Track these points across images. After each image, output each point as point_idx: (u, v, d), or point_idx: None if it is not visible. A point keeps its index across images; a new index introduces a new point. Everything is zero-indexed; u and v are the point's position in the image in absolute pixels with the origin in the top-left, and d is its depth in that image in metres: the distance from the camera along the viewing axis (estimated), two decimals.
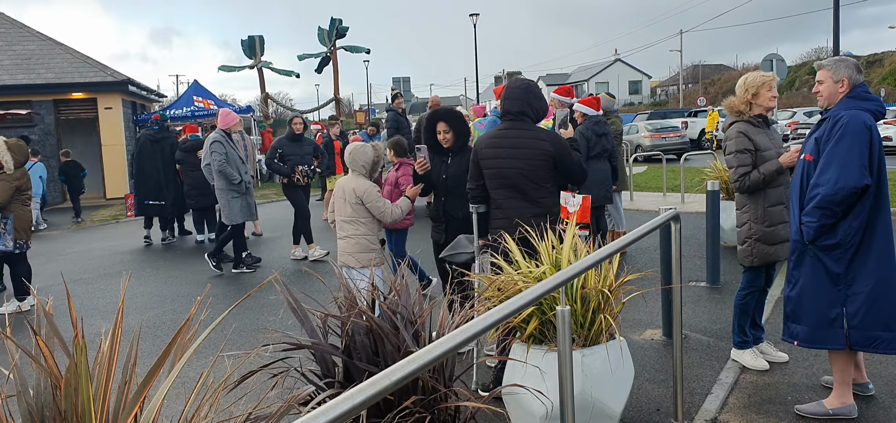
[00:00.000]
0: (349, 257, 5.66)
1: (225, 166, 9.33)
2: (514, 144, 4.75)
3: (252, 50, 26.91)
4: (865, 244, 3.94)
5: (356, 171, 5.80)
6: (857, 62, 4.15)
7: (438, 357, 2.15)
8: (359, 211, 5.70)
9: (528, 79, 5.26)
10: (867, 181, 3.84)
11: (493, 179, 4.85)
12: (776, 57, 16.55)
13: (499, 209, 4.86)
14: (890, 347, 3.98)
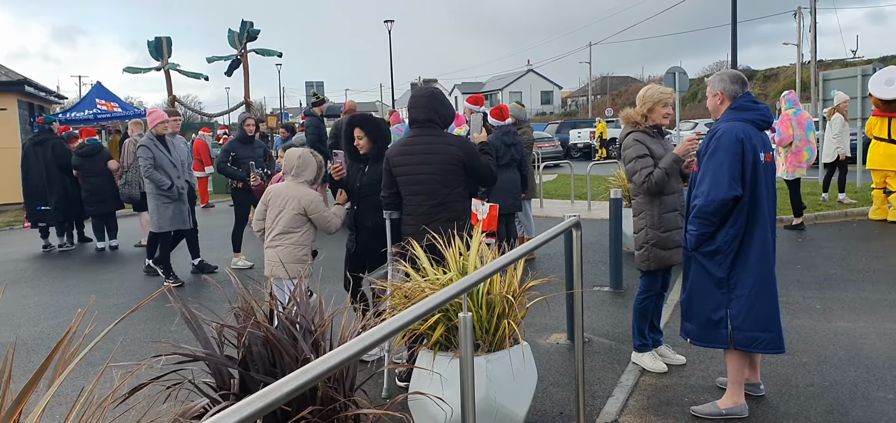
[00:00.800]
0: (280, 268, 5.45)
1: (152, 171, 8.82)
2: (424, 150, 4.86)
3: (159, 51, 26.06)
4: (744, 250, 4.14)
5: (300, 178, 5.60)
6: (739, 74, 4.35)
7: (334, 367, 2.11)
8: (299, 221, 5.50)
9: (432, 86, 5.32)
10: (736, 193, 4.04)
11: (406, 186, 4.94)
12: (678, 70, 17.18)
13: (411, 215, 4.94)
14: (769, 347, 4.20)
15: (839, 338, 5.70)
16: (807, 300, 6.88)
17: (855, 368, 5.05)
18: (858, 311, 6.46)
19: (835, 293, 7.11)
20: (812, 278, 7.77)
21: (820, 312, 6.48)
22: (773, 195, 4.28)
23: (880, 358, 5.21)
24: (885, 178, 11.37)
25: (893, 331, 5.81)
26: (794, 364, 5.16)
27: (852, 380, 4.82)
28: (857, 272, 7.98)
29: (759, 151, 4.13)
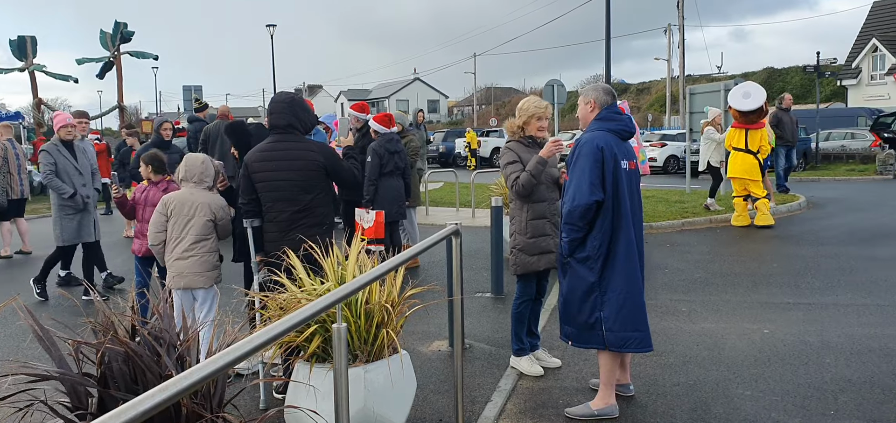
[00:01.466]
0: (196, 278, 5.21)
1: (52, 178, 8.12)
2: (285, 156, 4.86)
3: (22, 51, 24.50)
4: (612, 254, 4.33)
5: (204, 184, 5.38)
6: (610, 88, 4.59)
7: (197, 382, 2.03)
8: (210, 227, 5.31)
9: (292, 92, 5.32)
10: (597, 197, 4.23)
11: (267, 193, 4.89)
12: (557, 82, 17.71)
13: (274, 223, 4.90)
14: (640, 346, 4.40)
15: (703, 339, 6.03)
16: (674, 303, 7.24)
17: (717, 367, 5.34)
18: (721, 312, 6.85)
19: (699, 296, 7.52)
20: (679, 282, 8.19)
21: (686, 314, 6.83)
22: (639, 201, 4.48)
23: (740, 357, 5.54)
24: (745, 186, 12.13)
25: (752, 331, 6.19)
26: (662, 365, 5.41)
27: (715, 378, 5.10)
28: (720, 276, 8.48)
29: (622, 159, 4.33)
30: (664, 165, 27.34)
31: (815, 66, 28.26)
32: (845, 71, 44.68)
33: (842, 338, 5.90)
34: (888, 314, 6.57)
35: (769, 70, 62.41)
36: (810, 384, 4.93)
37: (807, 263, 9.07)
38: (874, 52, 42.82)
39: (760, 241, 10.97)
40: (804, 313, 6.70)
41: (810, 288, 7.71)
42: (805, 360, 5.40)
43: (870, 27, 44.73)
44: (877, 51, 42.61)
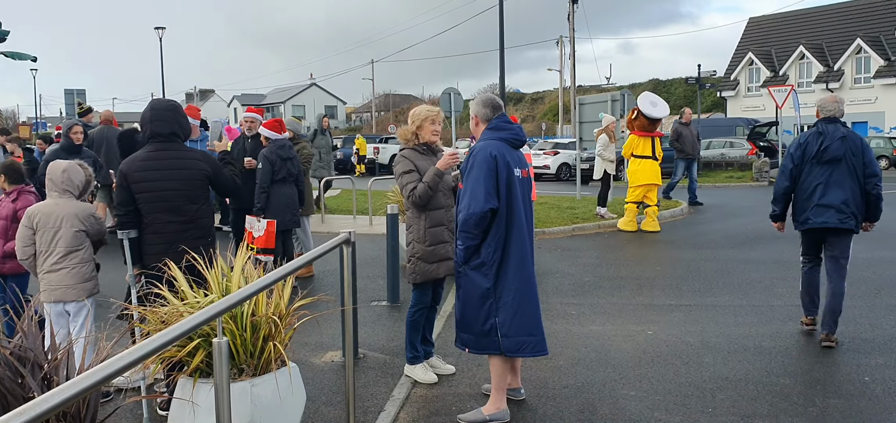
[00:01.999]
0: (68, 291, 4.90)
1: None
2: (171, 165, 4.73)
3: None
4: (506, 261, 4.39)
5: (69, 192, 5.05)
6: (492, 98, 4.65)
7: (61, 403, 1.91)
8: (81, 237, 5.00)
9: (172, 100, 5.13)
10: (492, 205, 4.29)
11: (150, 203, 4.71)
12: (454, 90, 17.90)
13: (157, 234, 4.72)
14: (534, 350, 4.48)
15: (591, 341, 6.20)
16: (564, 306, 7.43)
17: (604, 368, 5.51)
18: (608, 315, 7.08)
19: (588, 299, 7.75)
20: (569, 286, 8.41)
21: (575, 317, 7.02)
22: (530, 208, 4.57)
23: (626, 358, 5.73)
24: (645, 192, 12.60)
25: (637, 333, 6.42)
26: (552, 367, 5.53)
27: (602, 380, 5.26)
28: (608, 280, 8.76)
29: (514, 167, 4.41)
30: (557, 172, 28.08)
31: (697, 79, 29.75)
32: (724, 83, 47.28)
33: (720, 338, 6.21)
34: (762, 314, 6.97)
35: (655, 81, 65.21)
36: (690, 382, 5.15)
37: (688, 266, 9.51)
38: (750, 65, 45.53)
39: (645, 245, 11.42)
40: (685, 315, 7.01)
41: (691, 290, 8.08)
42: (686, 360, 5.64)
43: (746, 42, 47.53)
44: (753, 64, 45.33)
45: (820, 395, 4.83)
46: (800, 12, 47.40)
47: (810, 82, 41.84)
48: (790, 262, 9.50)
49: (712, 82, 45.84)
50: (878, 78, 39.02)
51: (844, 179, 5.92)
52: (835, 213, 5.92)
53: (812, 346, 5.92)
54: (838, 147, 5.93)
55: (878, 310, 7.01)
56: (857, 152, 5.94)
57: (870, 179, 5.93)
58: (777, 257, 9.93)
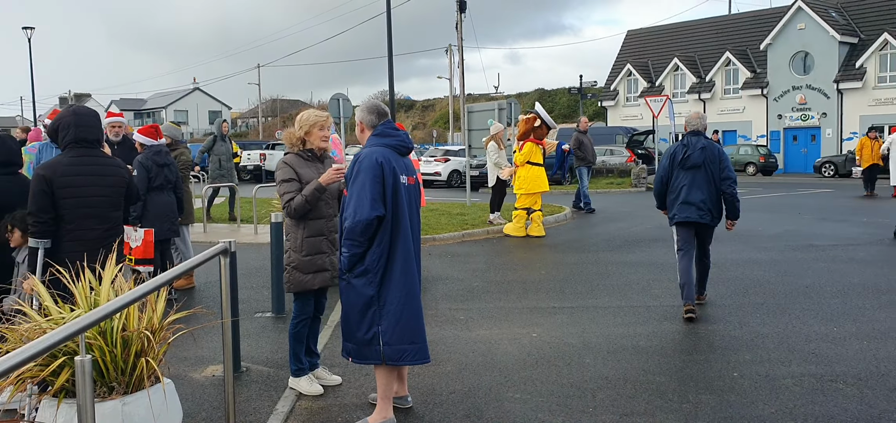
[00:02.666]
0: None
1: None
2: (99, 172, 4.77)
3: None
4: (390, 268, 4.36)
5: None
6: (377, 105, 4.61)
7: None
8: None
9: (88, 107, 4.99)
10: (378, 212, 4.26)
11: (74, 210, 4.64)
12: (342, 97, 17.71)
13: (79, 242, 4.60)
14: (416, 358, 4.47)
15: (478, 345, 6.26)
16: (452, 312, 7.47)
17: (490, 372, 5.57)
18: (495, 319, 7.17)
19: (476, 304, 7.83)
20: (458, 292, 8.47)
21: (463, 322, 7.07)
22: (417, 215, 4.56)
23: (511, 361, 5.81)
24: (534, 199, 12.93)
25: (523, 336, 6.54)
26: (439, 373, 5.54)
27: (488, 384, 5.31)
28: (496, 284, 8.89)
29: (401, 174, 4.38)
30: (448, 179, 28.32)
31: (579, 89, 30.77)
32: (605, 93, 49.17)
33: (600, 338, 6.41)
34: (639, 314, 7.25)
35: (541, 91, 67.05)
36: (572, 383, 5.28)
37: (571, 269, 9.79)
38: (629, 76, 47.55)
39: (532, 250, 11.68)
40: (568, 317, 7.20)
41: (574, 293, 8.32)
42: (568, 361, 5.79)
43: (625, 54, 49.63)
44: (631, 75, 47.36)
45: (693, 391, 5.06)
46: (675, 26, 49.96)
47: (684, 93, 44.14)
48: (665, 264, 9.96)
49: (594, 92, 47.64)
50: (746, 89, 41.63)
51: (703, 183, 7.07)
52: (695, 209, 7.08)
53: (686, 344, 6.20)
54: (699, 156, 7.08)
55: (745, 308, 7.43)
56: (715, 160, 7.08)
57: (724, 182, 7.08)
58: (653, 259, 10.38)
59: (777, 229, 13.32)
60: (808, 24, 38.49)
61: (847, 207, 17.65)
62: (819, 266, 9.50)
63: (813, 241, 11.69)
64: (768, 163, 36.89)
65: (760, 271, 9.35)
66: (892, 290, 7.97)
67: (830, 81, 38.10)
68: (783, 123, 40.39)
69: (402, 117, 74.37)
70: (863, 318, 6.89)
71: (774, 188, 25.68)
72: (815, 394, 4.93)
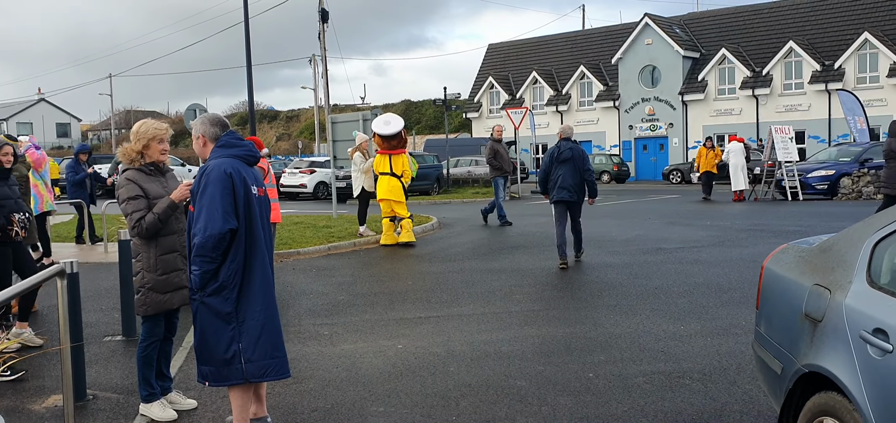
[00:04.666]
0: None
1: None
2: None
3: None
4: (247, 283, 4.20)
5: None
6: (217, 116, 4.45)
7: None
8: None
9: None
10: (231, 225, 4.10)
11: None
12: (199, 106, 17.04)
13: None
14: (278, 372, 4.33)
15: (342, 360, 6.16)
16: (316, 327, 7.33)
17: (354, 387, 5.49)
18: (360, 332, 7.10)
19: (341, 318, 7.72)
20: (322, 306, 8.33)
21: (327, 337, 6.95)
22: (268, 228, 4.42)
23: (376, 374, 5.76)
24: (391, 207, 13.01)
25: (388, 348, 6.50)
26: (302, 391, 5.40)
27: (351, 399, 5.23)
28: (362, 297, 8.81)
29: (252, 185, 4.24)
30: (314, 191, 27.91)
31: (444, 101, 31.23)
32: (469, 105, 50.19)
33: (464, 346, 6.48)
34: (502, 321, 7.39)
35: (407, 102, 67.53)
36: (437, 392, 5.30)
37: (437, 278, 9.87)
38: (491, 89, 48.81)
39: (398, 260, 11.69)
40: (433, 326, 7.24)
41: (439, 301, 8.39)
42: (433, 370, 5.81)
43: (487, 67, 50.90)
44: (493, 88, 48.64)
45: (551, 394, 5.21)
46: (533, 41, 51.78)
47: (543, 105, 45.83)
48: (527, 270, 10.25)
49: (458, 104, 48.43)
50: (600, 101, 43.76)
51: (573, 173, 10.36)
52: (567, 192, 10.37)
53: (545, 347, 6.38)
54: (569, 153, 10.41)
55: (600, 310, 7.75)
56: (580, 157, 10.51)
57: (586, 172, 10.48)
58: (516, 266, 10.65)
59: (629, 234, 14.03)
60: (654, 39, 40.98)
61: (692, 212, 18.87)
62: (667, 268, 10.07)
63: (661, 244, 12.39)
64: (621, 171, 38.92)
65: (614, 274, 9.80)
66: (732, 288, 8.55)
67: (676, 94, 40.73)
68: (634, 134, 42.76)
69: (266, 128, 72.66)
70: (707, 315, 7.35)
71: (627, 195, 27.09)
72: (665, 391, 5.20)
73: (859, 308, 2.99)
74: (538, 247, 12.73)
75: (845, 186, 21.23)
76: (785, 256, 3.84)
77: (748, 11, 42.64)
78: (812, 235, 4.07)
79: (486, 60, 51.98)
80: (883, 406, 2.73)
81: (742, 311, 7.36)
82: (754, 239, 12.54)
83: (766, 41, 39.20)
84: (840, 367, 2.99)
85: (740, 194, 22.19)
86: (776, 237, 12.28)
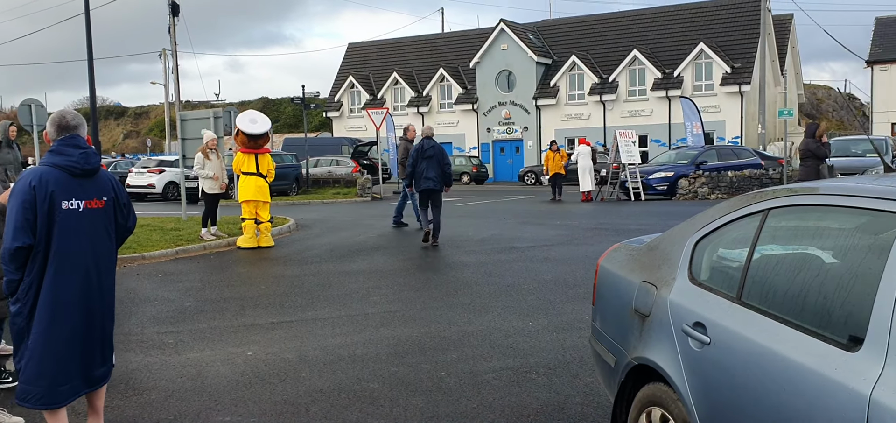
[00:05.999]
0: None
1: None
2: None
3: None
4: (39, 301, 3.94)
5: None
6: (60, 117, 4.11)
7: None
8: None
9: None
10: (19, 242, 3.82)
11: None
12: (35, 102, 15.79)
13: None
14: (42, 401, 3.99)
15: (187, 369, 5.90)
16: (160, 336, 6.98)
17: (199, 396, 5.27)
18: (208, 340, 6.83)
19: (188, 326, 7.39)
20: (168, 313, 7.94)
21: (172, 346, 6.63)
22: (105, 243, 4.13)
23: (223, 383, 5.56)
24: (256, 208, 12.63)
25: (237, 355, 6.29)
26: (143, 403, 5.13)
27: (196, 409, 5.01)
28: (211, 303, 8.48)
29: (66, 198, 3.93)
30: (163, 191, 26.65)
31: (302, 99, 30.71)
32: (329, 104, 49.64)
33: (317, 351, 6.38)
34: (358, 323, 7.35)
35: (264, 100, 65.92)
36: (287, 399, 5.19)
37: (292, 282, 9.68)
38: (352, 88, 48.52)
39: (252, 264, 11.36)
40: (286, 331, 7.08)
41: (293, 306, 8.22)
42: (284, 377, 5.68)
43: (347, 67, 50.54)
44: (354, 87, 48.37)
45: (403, 395, 5.23)
46: (394, 41, 51.96)
47: (404, 106, 46.08)
48: (386, 271, 10.27)
49: (317, 103, 47.81)
50: (459, 104, 44.56)
51: (435, 166, 12.45)
52: (431, 182, 12.46)
53: (400, 348, 6.39)
54: (432, 150, 12.52)
55: (454, 308, 7.87)
56: (440, 154, 12.63)
57: (445, 166, 12.62)
58: (375, 267, 10.63)
59: (485, 233, 14.37)
60: (510, 45, 42.24)
61: (543, 212, 19.60)
62: (519, 266, 10.40)
63: (514, 243, 12.78)
64: (480, 173, 39.80)
65: (469, 272, 10.00)
66: (578, 284, 8.94)
67: (530, 98, 42.18)
68: (492, 136, 43.89)
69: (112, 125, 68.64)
70: (554, 311, 7.65)
71: (485, 196, 27.75)
72: (512, 386, 5.35)
73: (681, 303, 3.20)
74: (397, 248, 12.79)
75: (683, 187, 22.76)
76: (617, 254, 4.05)
77: (596, 20, 44.87)
78: (651, 233, 4.33)
79: (346, 59, 51.60)
80: (703, 396, 2.94)
81: (586, 306, 7.71)
82: (599, 237, 13.19)
83: (613, 50, 41.37)
84: (665, 359, 3.19)
85: (588, 195, 23.30)
86: (619, 236, 12.97)
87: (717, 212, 3.36)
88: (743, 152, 25.88)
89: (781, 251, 3.00)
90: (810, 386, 2.39)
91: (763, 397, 2.58)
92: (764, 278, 2.88)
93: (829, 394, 2.31)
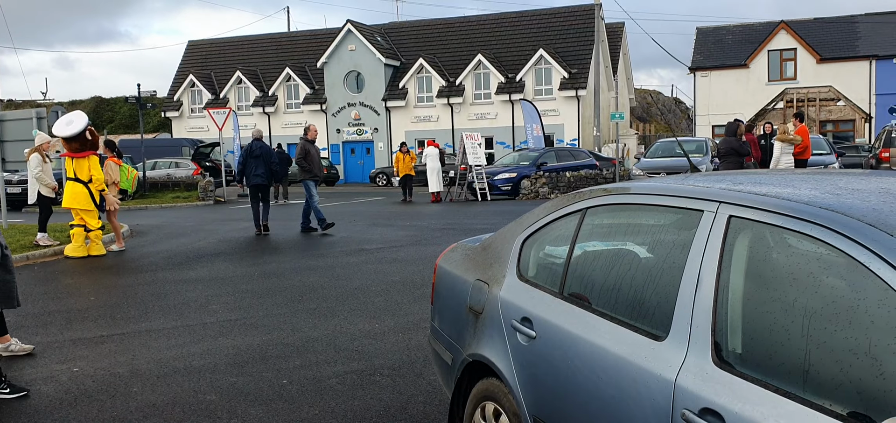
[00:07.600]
0: None
1: None
2: None
3: None
4: None
5: None
6: None
7: None
8: None
9: None
10: None
11: None
12: None
13: None
14: None
15: None
16: None
17: (18, 419, 4.87)
18: (28, 358, 6.28)
19: None
20: None
21: None
22: None
23: (45, 403, 5.16)
24: (80, 216, 11.86)
25: (61, 373, 5.86)
26: None
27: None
28: (33, 317, 7.85)
29: None
30: None
31: (138, 98, 29.09)
32: (168, 104, 47.30)
33: (151, 364, 6.07)
34: (195, 334, 7.05)
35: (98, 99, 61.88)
36: (116, 416, 4.90)
37: (125, 292, 9.14)
38: (192, 87, 46.48)
39: (82, 274, 10.63)
40: (117, 344, 6.68)
41: (125, 317, 7.77)
42: (113, 393, 5.35)
43: (187, 65, 48.38)
44: (195, 86, 46.35)
45: (242, 405, 5.08)
46: (237, 39, 50.30)
47: (249, 106, 44.74)
48: (226, 278, 9.93)
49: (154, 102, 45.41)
50: (307, 104, 43.82)
51: (263, 164, 14.53)
52: (259, 178, 14.48)
53: (240, 358, 6.21)
54: (260, 150, 14.56)
55: (299, 314, 7.74)
56: (267, 153, 14.82)
57: (272, 164, 14.78)
58: (215, 274, 10.25)
59: (335, 236, 14.24)
60: (357, 46, 42.10)
61: (394, 213, 19.71)
62: (368, 268, 10.39)
63: (364, 245, 12.76)
64: (331, 174, 39.37)
65: (316, 277, 9.87)
66: (425, 284, 9.06)
67: (380, 100, 42.25)
68: (342, 138, 43.56)
69: None
70: (401, 312, 7.70)
71: (335, 198, 27.51)
72: (356, 389, 5.34)
73: (510, 300, 3.33)
74: (240, 253, 12.41)
75: (525, 187, 23.64)
76: (454, 254, 4.15)
77: (442, 24, 45.63)
78: (493, 232, 4.46)
79: (186, 57, 49.37)
80: (531, 389, 3.07)
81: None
82: (448, 237, 13.43)
83: (459, 53, 42.25)
84: (497, 354, 3.30)
85: (437, 196, 23.69)
86: (467, 235, 13.20)
87: (542, 211, 3.52)
88: (580, 154, 27.27)
89: (600, 248, 3.19)
90: (624, 375, 2.56)
91: (582, 385, 2.74)
92: (583, 274, 3.06)
93: (640, 382, 2.48)
